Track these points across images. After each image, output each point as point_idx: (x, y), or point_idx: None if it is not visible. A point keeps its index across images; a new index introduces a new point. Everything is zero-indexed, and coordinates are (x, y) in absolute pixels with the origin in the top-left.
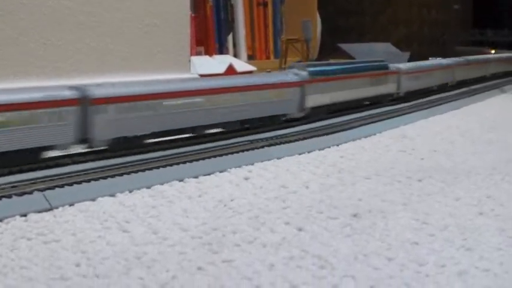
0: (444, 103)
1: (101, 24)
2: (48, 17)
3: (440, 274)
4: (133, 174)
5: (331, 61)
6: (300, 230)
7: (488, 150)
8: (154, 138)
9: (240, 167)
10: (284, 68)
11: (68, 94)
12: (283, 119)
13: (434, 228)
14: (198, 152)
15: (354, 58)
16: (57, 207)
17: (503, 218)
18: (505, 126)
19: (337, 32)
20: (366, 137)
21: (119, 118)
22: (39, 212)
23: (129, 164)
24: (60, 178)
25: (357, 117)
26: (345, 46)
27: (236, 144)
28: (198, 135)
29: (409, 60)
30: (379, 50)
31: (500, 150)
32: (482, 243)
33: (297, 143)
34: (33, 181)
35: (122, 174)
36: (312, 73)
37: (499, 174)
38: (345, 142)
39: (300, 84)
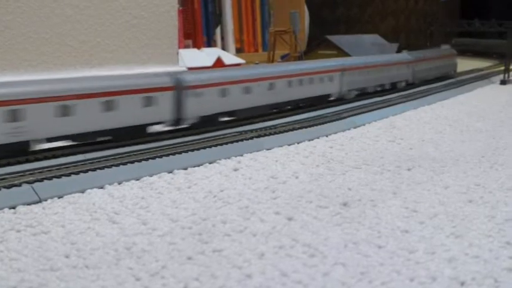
0: (433, 93)
1: (89, 18)
2: (35, 11)
3: (430, 261)
4: (122, 166)
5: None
6: (289, 219)
7: (477, 139)
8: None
9: (229, 158)
10: (273, 61)
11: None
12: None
13: (424, 216)
14: (188, 143)
15: (342, 50)
16: (45, 200)
17: (492, 205)
18: (492, 115)
19: (325, 24)
20: (355, 127)
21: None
22: (28, 204)
23: (118, 156)
24: (49, 170)
25: (346, 108)
26: (333, 38)
27: (226, 136)
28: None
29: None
30: (367, 41)
31: (488, 138)
32: (472, 230)
33: (286, 133)
34: (22, 174)
35: (110, 166)
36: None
37: (488, 162)
38: (334, 133)
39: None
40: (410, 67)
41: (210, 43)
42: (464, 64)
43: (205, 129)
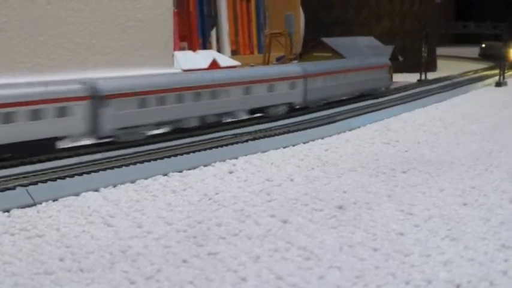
0: (428, 96)
1: (83, 20)
2: (29, 13)
3: (425, 264)
4: (117, 169)
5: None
6: (285, 222)
7: (472, 141)
8: None
9: (224, 160)
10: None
11: None
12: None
13: (419, 219)
14: (182, 146)
15: (337, 52)
16: (40, 203)
17: (487, 208)
18: (488, 118)
19: (320, 26)
20: (350, 130)
21: None
22: (22, 207)
23: (113, 159)
24: (44, 173)
25: (342, 111)
26: (328, 40)
27: (220, 138)
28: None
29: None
30: (362, 43)
31: (483, 141)
32: (467, 233)
33: (281, 136)
34: (16, 177)
35: (105, 169)
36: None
37: (483, 164)
38: (330, 135)
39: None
40: (299, 84)
41: (205, 45)
42: (460, 66)
43: (197, 132)
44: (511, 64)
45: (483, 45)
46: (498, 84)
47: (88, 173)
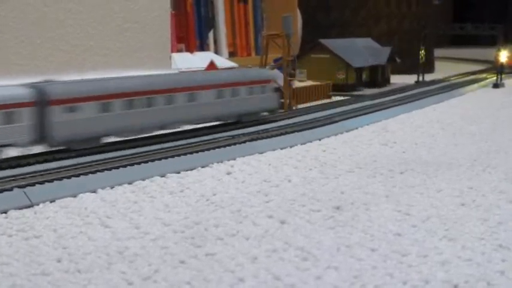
0: (425, 97)
1: (81, 22)
2: (27, 15)
3: (423, 264)
4: (114, 170)
5: None
6: (282, 222)
7: (470, 142)
8: None
9: (222, 162)
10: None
11: None
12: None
13: (416, 219)
14: (180, 147)
15: (335, 53)
16: (37, 204)
17: (484, 208)
18: (485, 119)
19: (319, 28)
20: (348, 131)
21: None
22: (20, 208)
23: (110, 160)
24: (41, 175)
25: (339, 112)
26: (326, 42)
27: (218, 139)
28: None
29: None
30: (360, 45)
31: (481, 142)
32: (465, 233)
33: (279, 137)
34: (14, 178)
35: (103, 170)
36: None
37: (480, 165)
38: (327, 136)
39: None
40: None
41: (203, 47)
42: (457, 68)
43: (195, 133)
44: (500, 67)
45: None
46: (495, 85)
47: (85, 174)
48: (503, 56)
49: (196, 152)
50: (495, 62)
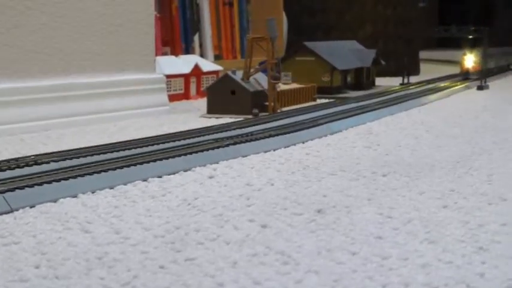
0: (411, 99)
1: (64, 25)
2: (8, 18)
3: (403, 267)
4: (95, 174)
5: None
6: (264, 226)
7: (453, 145)
8: None
9: (205, 165)
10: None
11: None
12: None
13: (398, 222)
14: (162, 151)
15: (319, 56)
16: (17, 209)
17: (466, 211)
18: (469, 121)
19: (304, 31)
20: (331, 133)
21: None
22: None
23: (92, 164)
24: (21, 179)
25: (324, 114)
26: (310, 44)
27: (201, 143)
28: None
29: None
30: (345, 47)
31: (464, 144)
32: (446, 235)
33: (262, 140)
34: None
35: (84, 175)
36: None
37: (463, 167)
38: (311, 139)
39: None
40: None
41: (188, 50)
42: (442, 70)
43: (177, 137)
44: (465, 73)
45: None
46: (480, 87)
47: (66, 179)
48: (469, 60)
49: (179, 155)
50: (460, 68)
